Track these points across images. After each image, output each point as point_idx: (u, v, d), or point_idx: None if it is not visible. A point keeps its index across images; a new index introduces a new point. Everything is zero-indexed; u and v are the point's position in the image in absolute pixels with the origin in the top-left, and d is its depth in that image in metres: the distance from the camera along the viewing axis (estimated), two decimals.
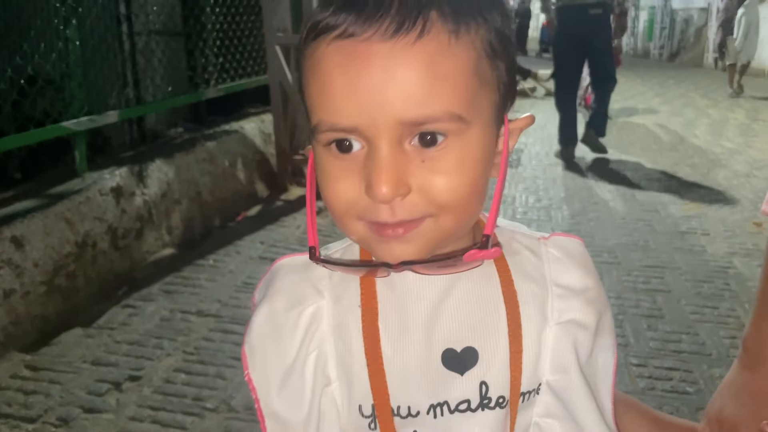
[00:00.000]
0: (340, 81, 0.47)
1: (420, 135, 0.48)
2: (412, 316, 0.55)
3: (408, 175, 0.48)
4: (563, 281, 0.59)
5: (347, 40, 0.47)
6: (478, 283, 0.56)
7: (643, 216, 3.73)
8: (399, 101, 0.46)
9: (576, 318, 0.58)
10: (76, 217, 2.56)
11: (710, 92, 9.41)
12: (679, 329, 2.43)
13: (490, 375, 0.55)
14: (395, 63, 0.46)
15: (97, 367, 2.15)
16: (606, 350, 0.61)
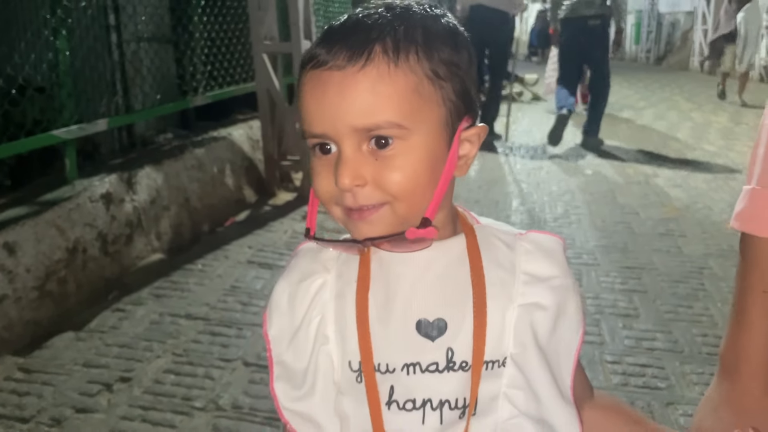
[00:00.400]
0: (310, 100, 0.63)
1: (375, 139, 0.62)
2: (395, 290, 0.67)
3: (364, 170, 0.62)
4: (530, 270, 0.68)
5: (317, 69, 0.63)
6: (452, 265, 0.68)
7: (623, 219, 3.82)
8: (350, 114, 0.61)
9: (537, 301, 0.67)
10: (66, 223, 2.61)
11: (694, 96, 9.55)
12: (654, 328, 2.51)
13: (456, 343, 0.66)
14: (346, 86, 0.61)
15: (88, 369, 2.20)
16: (569, 332, 0.69)
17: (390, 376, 0.66)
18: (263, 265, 3.09)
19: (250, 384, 2.13)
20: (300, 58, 3.92)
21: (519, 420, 0.67)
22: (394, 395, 0.66)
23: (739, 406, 0.77)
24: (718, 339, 2.38)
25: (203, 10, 3.94)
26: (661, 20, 16.53)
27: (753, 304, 0.77)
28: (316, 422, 0.68)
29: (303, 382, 0.69)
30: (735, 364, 0.78)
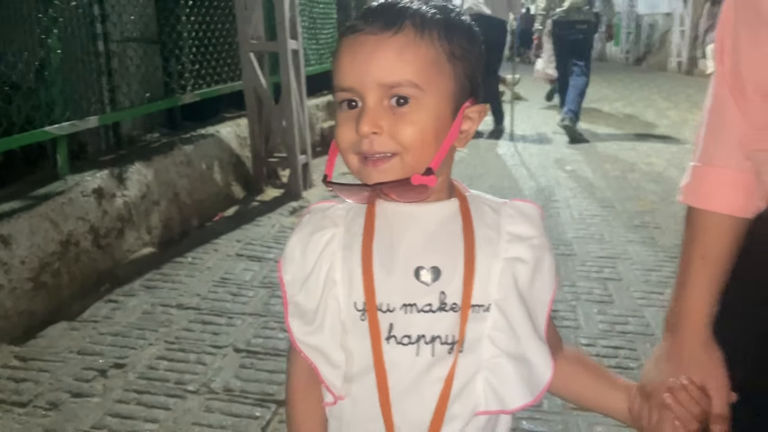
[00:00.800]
0: (345, 58, 0.75)
1: (396, 98, 0.73)
2: (397, 242, 0.78)
3: (382, 121, 0.73)
4: (513, 230, 0.80)
5: (353, 35, 0.75)
6: (446, 223, 0.79)
7: (600, 212, 3.95)
8: (378, 70, 0.73)
9: (518, 256, 0.79)
10: (59, 217, 2.68)
11: (672, 95, 9.75)
12: (627, 313, 2.64)
13: (448, 287, 0.77)
14: (377, 47, 0.73)
15: (83, 356, 2.28)
16: (544, 285, 0.81)
17: (390, 315, 0.76)
18: (252, 257, 3.18)
19: (241, 368, 2.21)
20: (285, 56, 4.00)
21: (500, 359, 0.78)
22: (393, 331, 0.77)
23: (678, 359, 0.85)
24: None
25: (191, 10, 4.02)
26: (640, 22, 16.79)
27: (693, 270, 0.87)
28: (324, 353, 0.79)
29: (314, 320, 0.79)
30: (676, 322, 0.88)
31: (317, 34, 5.51)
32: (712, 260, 0.85)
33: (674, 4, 14.15)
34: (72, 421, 1.93)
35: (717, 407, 0.82)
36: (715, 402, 0.82)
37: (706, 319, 0.86)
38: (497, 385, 0.78)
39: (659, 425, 0.82)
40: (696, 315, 0.86)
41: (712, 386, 0.83)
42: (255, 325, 2.51)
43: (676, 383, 0.83)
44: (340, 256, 0.79)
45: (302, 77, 4.27)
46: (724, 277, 0.86)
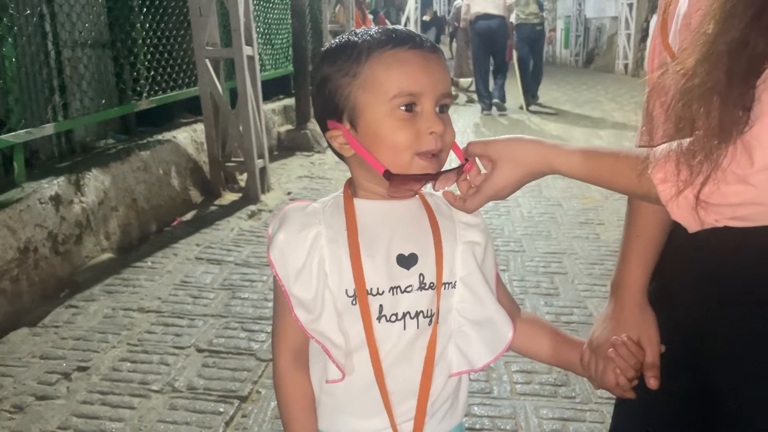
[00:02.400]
0: (417, 67, 0.87)
1: (441, 105, 0.88)
2: (379, 234, 0.90)
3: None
4: (464, 220, 0.96)
5: (417, 50, 0.87)
6: (416, 217, 0.93)
7: (547, 210, 4.14)
8: (442, 81, 0.88)
9: (473, 239, 0.95)
10: (17, 224, 2.70)
11: (617, 96, 10.12)
12: (571, 304, 2.80)
13: (425, 270, 0.90)
14: (439, 63, 0.89)
15: (45, 360, 2.31)
16: (491, 261, 0.98)
17: (379, 297, 0.88)
18: (211, 260, 3.23)
19: (204, 368, 2.28)
20: (241, 62, 4.04)
21: (464, 328, 0.93)
22: (383, 311, 0.89)
23: (619, 319, 1.00)
24: None
25: (145, 16, 4.04)
26: (588, 25, 17.27)
27: (630, 246, 1.03)
28: (328, 337, 0.89)
29: (314, 308, 0.89)
30: (617, 289, 1.03)
31: (272, 39, 5.58)
32: (646, 238, 1.01)
33: (620, 7, 14.63)
34: (38, 422, 1.97)
35: (650, 358, 0.98)
36: (648, 354, 0.98)
37: (641, 287, 1.02)
38: (464, 348, 0.93)
39: (604, 373, 0.98)
40: (633, 283, 1.02)
41: (645, 341, 0.99)
42: (216, 326, 2.58)
43: (618, 340, 0.97)
44: (327, 250, 0.89)
45: (258, 82, 4.34)
46: (656, 252, 1.01)
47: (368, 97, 0.87)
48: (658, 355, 0.98)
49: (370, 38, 0.88)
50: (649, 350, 0.98)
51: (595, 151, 0.92)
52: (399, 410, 0.90)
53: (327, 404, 0.93)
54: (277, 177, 4.74)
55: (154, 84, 4.14)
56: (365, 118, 0.88)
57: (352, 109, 0.88)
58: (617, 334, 0.98)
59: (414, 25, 14.20)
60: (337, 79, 0.89)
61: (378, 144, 0.87)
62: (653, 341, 0.98)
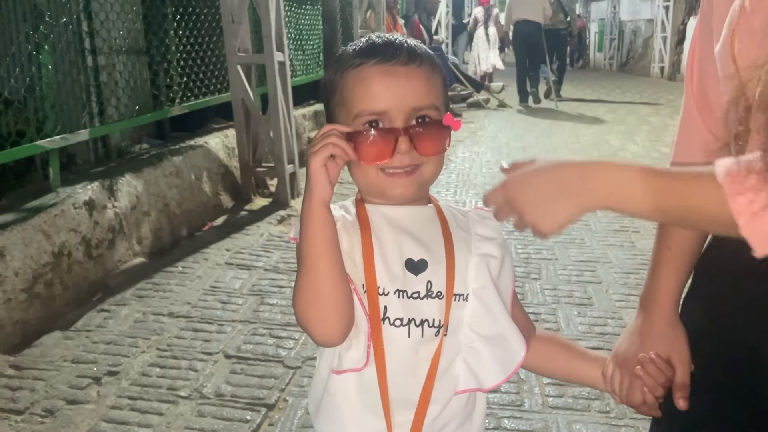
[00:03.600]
0: (379, 85, 0.84)
1: (417, 118, 0.85)
2: (389, 236, 0.88)
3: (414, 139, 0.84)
4: (480, 232, 0.93)
5: (383, 65, 0.85)
6: (428, 224, 0.90)
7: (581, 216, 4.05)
8: (412, 96, 0.85)
9: (489, 252, 0.91)
10: (52, 229, 2.74)
11: (653, 100, 9.92)
12: (605, 315, 2.73)
13: (434, 278, 0.87)
14: (410, 76, 0.85)
15: (77, 364, 2.34)
16: (507, 276, 0.93)
17: (384, 299, 0.86)
18: (241, 266, 3.24)
19: (232, 374, 2.28)
20: (272, 68, 4.06)
21: (475, 344, 0.89)
22: (387, 313, 0.86)
23: (648, 334, 0.96)
24: None
25: (178, 23, 4.09)
26: (623, 28, 17.01)
27: (661, 258, 0.98)
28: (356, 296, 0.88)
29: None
30: (648, 303, 0.99)
31: (303, 45, 5.60)
32: (678, 251, 0.96)
33: (656, 9, 14.37)
34: (68, 427, 1.99)
35: (680, 377, 0.93)
36: (679, 373, 0.93)
37: (673, 301, 0.97)
38: (474, 365, 0.89)
39: (630, 390, 0.94)
40: (664, 297, 0.97)
41: (676, 359, 0.94)
42: (245, 332, 2.58)
43: (646, 357, 0.93)
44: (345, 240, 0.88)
45: (288, 88, 4.35)
46: (690, 265, 0.96)
47: (341, 114, 0.88)
48: (688, 374, 0.93)
49: (350, 52, 0.88)
50: (679, 369, 0.93)
51: (655, 169, 0.72)
52: (398, 420, 0.87)
53: (327, 403, 0.91)
54: None
55: (186, 90, 4.19)
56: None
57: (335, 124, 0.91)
58: (645, 350, 0.94)
59: (445, 30, 14.16)
60: (326, 92, 0.91)
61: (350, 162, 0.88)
62: (684, 359, 0.94)
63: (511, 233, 3.47)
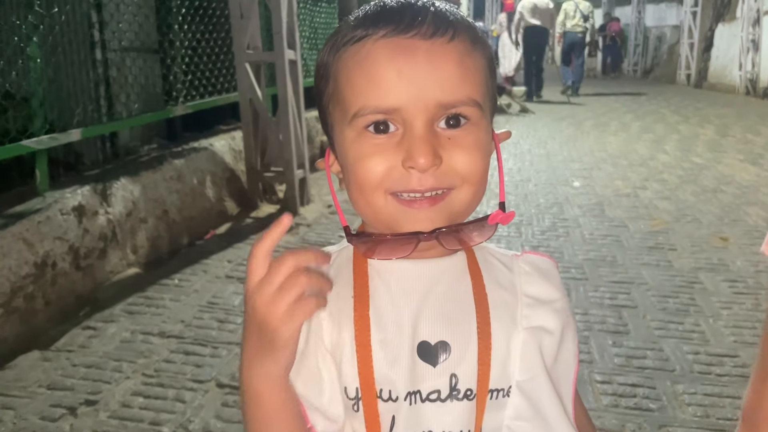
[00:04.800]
0: (387, 68, 0.57)
1: (446, 118, 0.58)
2: (397, 309, 0.61)
3: (440, 149, 0.57)
4: (532, 292, 0.65)
5: (393, 38, 0.57)
6: (454, 284, 0.63)
7: (611, 231, 3.76)
8: (438, 86, 0.57)
9: (543, 324, 0.64)
10: (35, 237, 2.51)
11: (681, 108, 9.56)
12: (644, 345, 2.44)
13: (460, 368, 0.60)
14: (436, 55, 0.57)
15: (52, 391, 2.09)
16: (568, 358, 0.65)
17: (392, 405, 0.60)
18: (242, 279, 2.97)
19: (223, 407, 2.02)
20: (283, 67, 3.80)
21: None
22: (396, 426, 0.60)
23: None
24: (710, 356, 2.32)
25: (183, 17, 3.86)
26: (648, 34, 16.65)
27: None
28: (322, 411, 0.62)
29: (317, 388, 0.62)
30: (754, 418, 0.71)
31: (318, 44, 5.36)
32: None
33: (682, 15, 13.99)
34: None
35: None
36: None
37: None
38: None
39: None
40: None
41: None
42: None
43: None
44: (326, 325, 0.61)
45: (300, 88, 4.10)
46: None
47: (336, 112, 0.62)
48: None
49: (351, 21, 0.61)
50: None
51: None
52: None
53: None
54: (318, 188, 4.49)
55: (191, 89, 3.95)
56: (336, 142, 0.63)
57: (330, 128, 0.64)
58: None
59: None
60: (318, 81, 0.64)
61: (347, 179, 0.62)
62: None
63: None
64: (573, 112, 9.15)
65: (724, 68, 12.29)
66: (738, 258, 3.30)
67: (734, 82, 11.59)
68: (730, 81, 11.79)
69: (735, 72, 11.62)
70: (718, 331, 2.53)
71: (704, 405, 2.04)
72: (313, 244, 3.48)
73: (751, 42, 11.04)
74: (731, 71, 11.86)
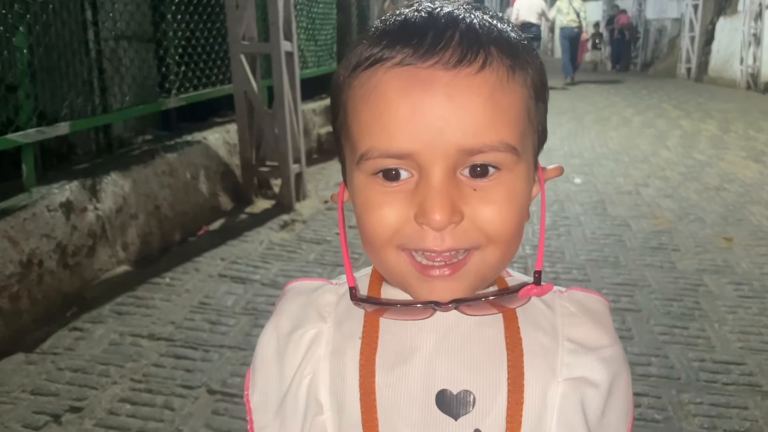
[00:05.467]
0: (399, 105, 0.48)
1: (471, 166, 0.49)
2: (412, 351, 0.54)
3: (461, 203, 0.48)
4: (576, 336, 0.56)
5: (408, 66, 0.48)
6: (484, 325, 0.55)
7: (613, 231, 3.68)
8: (460, 128, 0.47)
9: (587, 375, 0.55)
10: (20, 234, 2.42)
11: (683, 103, 9.47)
12: (648, 351, 2.37)
13: (485, 424, 0.53)
14: (459, 91, 0.47)
15: (36, 396, 2.02)
16: (619, 414, 0.57)
17: None
18: (235, 278, 2.91)
19: (213, 415, 1.95)
20: (279, 59, 3.72)
21: None
22: None
23: None
24: (716, 364, 2.25)
25: (177, 6, 3.75)
26: (648, 27, 16.52)
27: None
28: None
29: None
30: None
31: (315, 35, 5.25)
32: None
33: (683, 8, 13.88)
34: None
35: None
36: None
37: None
38: None
39: None
40: None
41: None
42: (233, 360, 2.24)
43: None
44: (328, 365, 0.56)
45: (297, 81, 4.00)
46: None
47: (346, 147, 0.54)
48: None
49: (369, 35, 0.51)
50: None
51: None
52: None
53: None
54: (315, 183, 4.40)
55: (185, 81, 3.85)
56: (347, 180, 0.55)
57: (342, 160, 0.56)
58: None
59: None
60: (332, 106, 0.55)
61: (358, 226, 0.53)
62: None
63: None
64: (574, 105, 9.06)
65: (725, 62, 12.19)
66: (743, 260, 3.23)
67: (735, 77, 11.50)
68: (731, 75, 11.70)
69: (736, 66, 11.52)
70: (724, 337, 2.46)
71: (711, 416, 1.97)
72: (309, 242, 3.40)
73: (753, 36, 10.94)
74: (732, 65, 11.76)
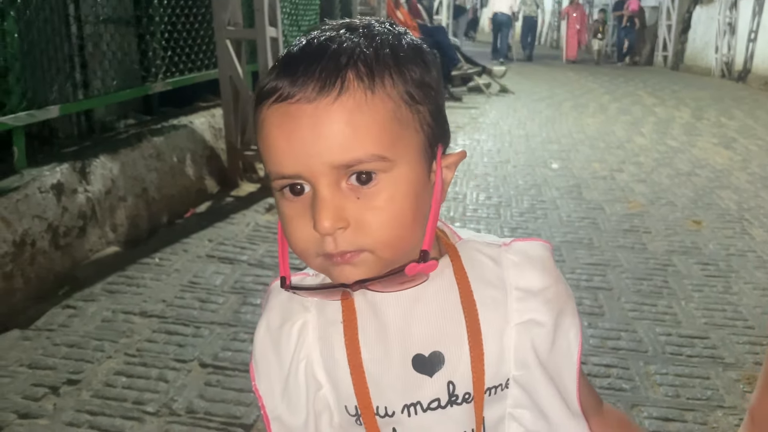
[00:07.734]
0: (278, 138, 0.57)
1: (356, 174, 0.56)
2: (386, 326, 0.63)
3: (345, 211, 0.56)
4: (522, 284, 0.64)
5: (282, 103, 0.56)
6: (441, 292, 0.64)
7: (588, 214, 3.82)
8: (326, 150, 0.55)
9: (534, 317, 0.64)
10: (13, 215, 2.48)
11: (658, 90, 9.66)
12: (618, 327, 2.50)
13: (456, 375, 0.63)
14: (319, 120, 0.55)
15: (33, 370, 2.09)
16: (568, 341, 0.66)
17: (390, 420, 0.63)
18: (223, 259, 2.99)
19: (206, 386, 2.04)
20: (264, 44, 3.77)
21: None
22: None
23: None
24: (681, 338, 2.40)
25: None
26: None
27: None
28: None
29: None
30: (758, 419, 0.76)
31: (299, 20, 5.30)
32: None
33: None
34: None
35: None
36: None
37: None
38: None
39: None
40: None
41: None
42: (224, 336, 2.34)
43: None
44: (318, 349, 0.65)
45: None
46: None
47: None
48: None
49: (271, 70, 0.60)
50: None
51: None
52: None
53: None
54: None
55: (171, 65, 3.89)
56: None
57: None
58: None
59: (447, 10, 13.92)
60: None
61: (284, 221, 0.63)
62: None
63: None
64: (552, 93, 9.20)
65: (701, 51, 12.42)
66: (710, 241, 3.39)
67: (710, 65, 11.73)
68: (706, 64, 11.92)
69: (711, 55, 11.75)
70: (690, 313, 2.61)
71: (675, 385, 2.11)
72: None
73: (728, 25, 11.16)
74: (708, 54, 11.99)
